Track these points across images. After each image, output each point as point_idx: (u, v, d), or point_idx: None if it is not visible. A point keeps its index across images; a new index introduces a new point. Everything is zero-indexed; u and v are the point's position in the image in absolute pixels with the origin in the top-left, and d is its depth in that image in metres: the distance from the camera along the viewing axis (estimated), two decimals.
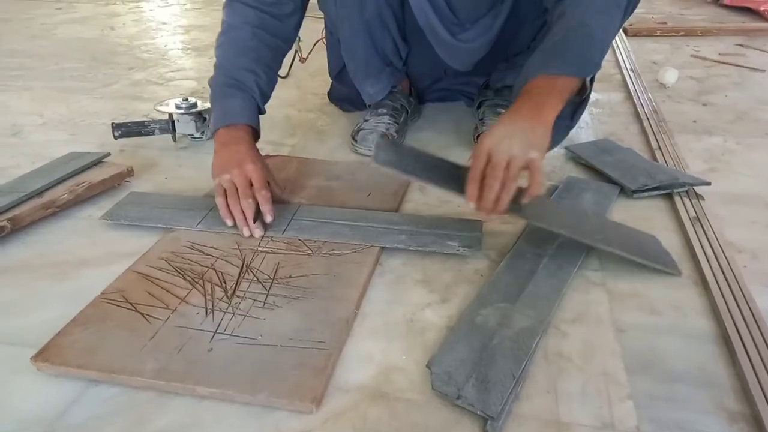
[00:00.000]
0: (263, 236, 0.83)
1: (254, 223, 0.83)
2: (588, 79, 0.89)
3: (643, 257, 0.78)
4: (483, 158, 0.72)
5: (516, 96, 0.80)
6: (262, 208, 0.84)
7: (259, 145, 0.99)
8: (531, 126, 0.74)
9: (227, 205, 0.84)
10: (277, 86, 1.05)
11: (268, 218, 0.84)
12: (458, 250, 0.80)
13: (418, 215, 0.91)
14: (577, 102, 0.98)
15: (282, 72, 1.65)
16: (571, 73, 0.81)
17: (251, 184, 0.84)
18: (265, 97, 0.99)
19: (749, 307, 0.70)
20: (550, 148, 1.00)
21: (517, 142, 0.72)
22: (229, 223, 0.84)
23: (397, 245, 0.82)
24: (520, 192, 0.75)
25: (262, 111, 0.99)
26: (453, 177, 0.77)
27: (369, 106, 1.23)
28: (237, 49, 0.97)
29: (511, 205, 0.74)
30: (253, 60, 0.96)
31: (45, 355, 0.62)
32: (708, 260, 0.79)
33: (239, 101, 0.93)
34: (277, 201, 0.88)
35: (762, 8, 2.39)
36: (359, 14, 1.03)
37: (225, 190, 0.85)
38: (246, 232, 0.83)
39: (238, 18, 0.98)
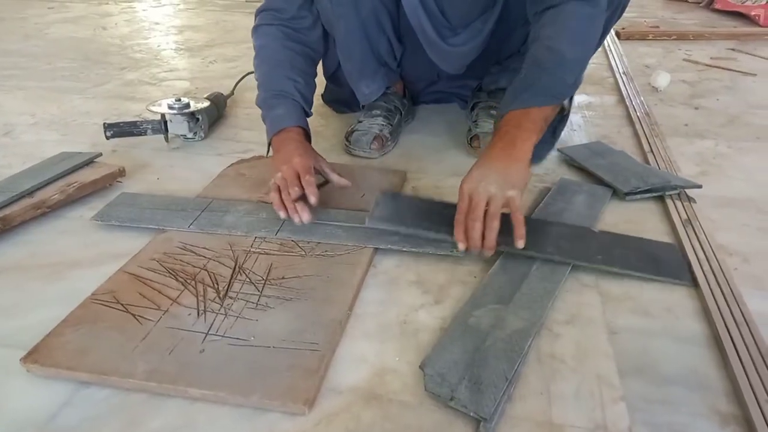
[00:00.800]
0: (309, 220, 0.84)
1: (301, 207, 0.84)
2: (566, 101, 0.92)
3: (647, 272, 0.77)
4: (465, 201, 0.77)
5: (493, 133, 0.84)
6: (306, 192, 0.84)
7: (255, 146, 0.99)
8: (506, 165, 0.78)
9: (280, 200, 0.85)
10: None
11: (312, 200, 0.84)
12: (451, 252, 0.80)
13: None
14: (558, 119, 1.00)
15: None
16: (542, 103, 0.85)
17: (299, 176, 0.86)
18: (307, 100, 1.02)
19: (740, 310, 0.70)
20: (537, 162, 1.04)
21: (493, 182, 0.76)
22: (282, 215, 0.85)
23: (390, 246, 0.82)
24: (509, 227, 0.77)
25: (308, 113, 1.02)
26: (447, 222, 0.80)
27: (363, 107, 1.23)
28: (271, 64, 1.02)
29: (505, 239, 0.76)
30: (288, 68, 1.01)
31: (35, 356, 0.62)
32: (699, 263, 0.79)
33: (282, 108, 0.98)
34: (341, 185, 0.93)
35: (753, 13, 2.41)
36: (355, 13, 1.03)
37: (279, 188, 0.86)
38: (296, 219, 0.84)
39: (265, 38, 1.04)
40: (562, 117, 1.00)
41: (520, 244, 0.76)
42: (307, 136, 0.99)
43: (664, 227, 0.90)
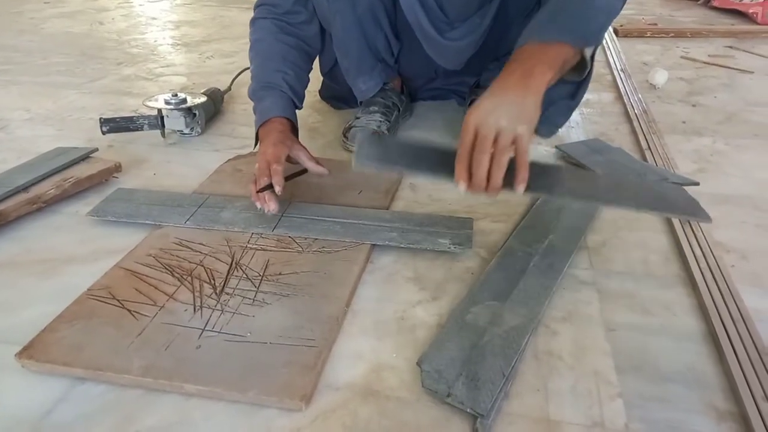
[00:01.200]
0: (273, 215, 0.85)
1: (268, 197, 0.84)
2: (589, 56, 0.82)
3: (662, 210, 0.73)
4: (470, 135, 0.68)
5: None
6: (272, 180, 0.84)
7: (251, 142, 0.99)
8: (519, 96, 0.68)
9: (256, 192, 0.86)
10: None
11: (277, 188, 0.84)
12: (449, 248, 0.80)
13: (409, 213, 0.90)
14: (578, 81, 0.91)
15: None
16: (566, 39, 0.75)
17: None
18: (297, 92, 1.03)
19: (737, 307, 0.70)
20: (552, 132, 0.99)
21: (504, 114, 0.67)
22: (258, 205, 0.85)
23: (388, 242, 0.81)
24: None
25: (297, 106, 1.02)
26: (442, 163, 0.70)
27: (360, 103, 1.22)
28: (263, 57, 1.04)
29: (508, 182, 0.68)
30: (279, 61, 1.02)
31: (30, 352, 0.61)
32: (697, 260, 0.79)
33: (269, 100, 0.98)
34: (317, 172, 0.94)
35: (751, 11, 2.41)
36: (352, 9, 1.03)
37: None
38: (265, 209, 0.84)
39: (260, 32, 1.05)
40: (582, 79, 0.90)
41: (520, 189, 0.67)
42: (293, 127, 0.99)
43: (661, 225, 0.90)
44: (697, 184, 0.99)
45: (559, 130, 1.16)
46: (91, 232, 0.87)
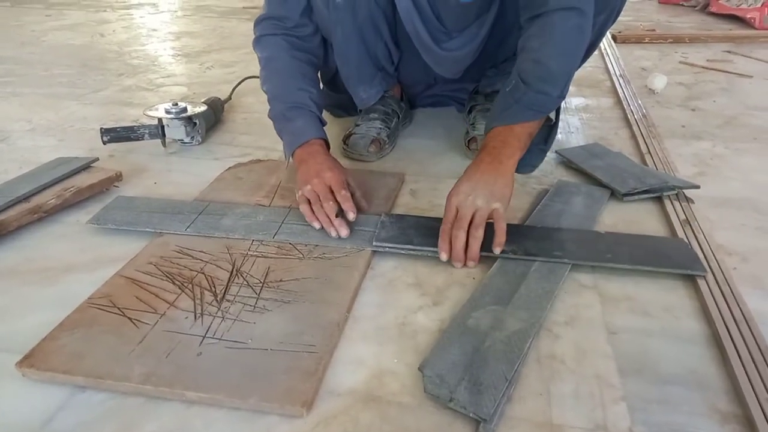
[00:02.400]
0: (346, 235, 0.84)
1: (338, 221, 0.84)
2: (554, 113, 0.93)
3: (658, 266, 0.78)
4: (452, 212, 0.80)
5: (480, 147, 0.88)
6: (343, 207, 0.85)
7: (252, 150, 1.00)
8: (492, 180, 0.81)
9: (312, 211, 0.86)
10: None
11: (351, 216, 0.85)
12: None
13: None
14: (547, 128, 1.00)
15: None
16: (527, 119, 0.88)
17: (331, 190, 0.87)
18: (321, 109, 1.03)
19: (740, 309, 0.70)
20: (530, 171, 1.06)
21: (480, 195, 0.80)
22: (317, 226, 0.85)
23: (387, 249, 0.82)
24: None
25: (323, 122, 1.02)
26: (433, 236, 0.82)
27: (360, 111, 1.23)
28: (282, 75, 1.02)
29: (490, 248, 0.79)
30: (300, 79, 1.01)
31: (30, 360, 0.61)
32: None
33: (302, 120, 0.98)
34: (361, 207, 0.91)
35: (749, 16, 2.42)
36: (352, 19, 1.03)
37: (308, 200, 0.87)
38: (333, 233, 0.84)
39: (271, 49, 1.04)
40: (551, 126, 1.01)
41: (497, 250, 0.79)
42: (329, 147, 0.98)
43: (663, 228, 0.90)
44: (697, 187, 0.98)
45: (559, 135, 1.17)
46: (92, 240, 0.87)
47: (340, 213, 0.85)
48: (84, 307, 0.70)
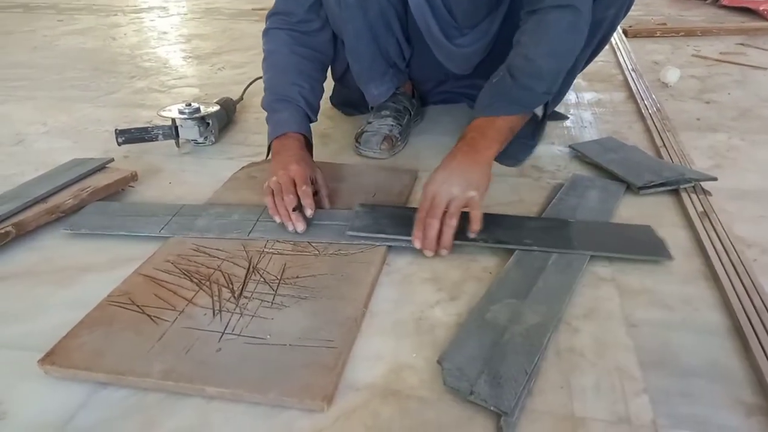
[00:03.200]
0: (303, 230, 0.84)
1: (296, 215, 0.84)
2: (540, 112, 0.94)
3: (625, 252, 0.79)
4: (427, 201, 0.80)
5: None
6: (303, 202, 0.84)
7: (265, 149, 1.00)
8: (467, 168, 0.81)
9: (274, 204, 0.86)
10: None
11: (308, 212, 0.84)
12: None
13: None
14: (537, 121, 1.00)
15: None
16: (509, 113, 0.88)
17: (294, 184, 0.86)
18: (312, 106, 1.03)
19: (762, 300, 0.69)
20: (515, 164, 1.06)
21: (455, 184, 0.79)
22: (277, 219, 0.85)
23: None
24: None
25: (312, 119, 1.02)
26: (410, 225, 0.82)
27: (371, 108, 1.23)
28: (278, 68, 1.04)
29: (465, 236, 0.81)
30: (295, 74, 1.02)
31: (52, 358, 0.62)
32: (718, 254, 0.78)
33: (286, 113, 0.99)
34: (319, 205, 0.89)
35: (761, 8, 2.39)
36: (363, 15, 1.03)
37: (272, 191, 0.87)
38: (290, 228, 0.84)
39: (274, 43, 1.05)
40: (540, 121, 1.01)
41: (471, 235, 0.80)
42: (309, 143, 0.99)
43: (681, 220, 0.89)
44: (714, 179, 0.97)
45: (572, 129, 1.16)
46: (109, 241, 0.87)
47: (299, 208, 0.84)
48: (104, 305, 0.70)
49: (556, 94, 1.19)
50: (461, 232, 0.80)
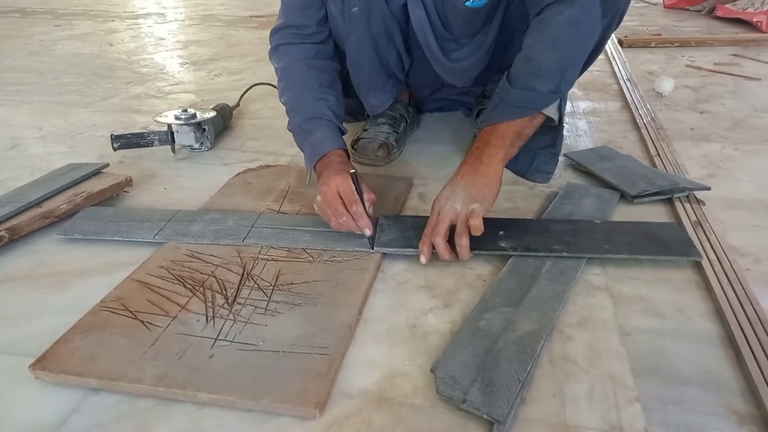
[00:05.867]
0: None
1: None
2: (554, 113, 0.89)
3: (656, 254, 0.79)
4: (434, 217, 0.81)
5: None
6: (359, 224, 0.82)
7: (260, 155, 1.00)
8: (471, 181, 0.81)
9: (338, 223, 0.84)
10: (276, 98, 1.06)
11: (367, 232, 0.82)
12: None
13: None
14: (554, 131, 0.97)
15: None
16: (511, 117, 0.85)
17: (341, 198, 0.84)
18: (340, 118, 1.01)
19: (754, 309, 0.69)
20: (546, 179, 1.03)
21: (459, 199, 0.80)
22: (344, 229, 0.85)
23: (357, 248, 0.82)
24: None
25: (343, 131, 1.00)
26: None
27: (368, 115, 1.23)
28: (299, 85, 1.01)
29: (496, 245, 0.81)
30: (317, 89, 1.00)
31: (44, 363, 0.61)
32: (711, 264, 0.79)
33: (320, 132, 0.95)
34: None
35: (755, 19, 2.41)
36: (367, 27, 1.03)
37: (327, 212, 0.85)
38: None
39: (287, 59, 1.03)
40: (557, 128, 0.97)
41: (468, 247, 0.79)
42: (347, 155, 0.96)
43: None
44: (708, 188, 0.98)
45: (566, 139, 1.16)
46: (103, 245, 0.87)
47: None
48: (96, 310, 0.70)
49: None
50: (490, 241, 0.81)
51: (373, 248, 0.83)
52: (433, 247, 0.80)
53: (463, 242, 0.78)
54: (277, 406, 0.56)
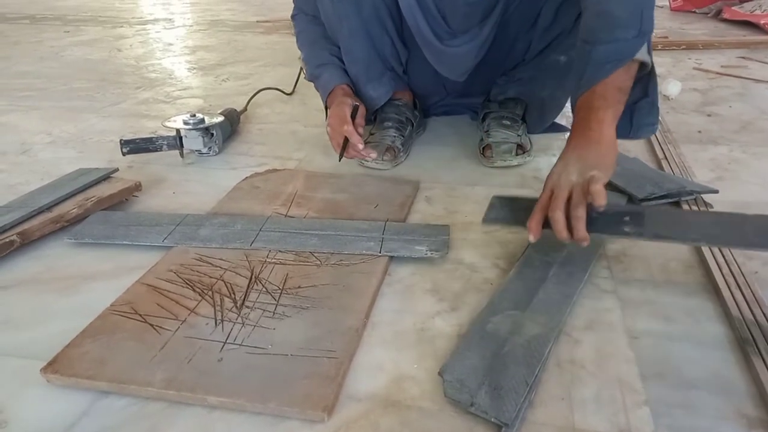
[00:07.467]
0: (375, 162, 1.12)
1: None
2: (644, 57, 0.83)
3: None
4: (546, 195, 0.76)
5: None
6: (351, 140, 1.04)
7: (268, 160, 1.01)
8: (584, 152, 0.76)
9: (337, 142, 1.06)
10: (283, 102, 1.09)
11: (359, 147, 1.04)
12: (426, 254, 0.82)
13: (391, 222, 0.90)
14: (644, 75, 0.89)
15: (287, 89, 1.67)
16: (605, 74, 0.79)
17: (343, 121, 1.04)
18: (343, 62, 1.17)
19: (763, 312, 0.69)
20: (651, 131, 0.95)
21: (574, 171, 0.75)
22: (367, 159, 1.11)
23: (363, 251, 0.82)
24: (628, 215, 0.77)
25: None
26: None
27: (374, 119, 1.24)
28: (309, 42, 1.20)
29: (620, 229, 0.75)
30: (323, 42, 1.17)
31: (54, 366, 0.62)
32: (719, 267, 0.78)
33: (327, 74, 1.15)
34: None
35: (762, 22, 2.41)
36: (357, 13, 1.06)
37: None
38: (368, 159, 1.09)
39: (301, 24, 1.23)
40: (647, 76, 0.89)
41: (594, 213, 0.73)
42: (352, 89, 1.15)
43: None
44: (716, 191, 0.98)
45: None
46: (113, 249, 0.88)
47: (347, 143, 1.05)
48: (106, 314, 0.71)
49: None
50: (614, 225, 0.75)
51: (340, 160, 1.07)
52: (544, 225, 0.75)
53: (578, 213, 0.72)
54: (286, 409, 0.57)
